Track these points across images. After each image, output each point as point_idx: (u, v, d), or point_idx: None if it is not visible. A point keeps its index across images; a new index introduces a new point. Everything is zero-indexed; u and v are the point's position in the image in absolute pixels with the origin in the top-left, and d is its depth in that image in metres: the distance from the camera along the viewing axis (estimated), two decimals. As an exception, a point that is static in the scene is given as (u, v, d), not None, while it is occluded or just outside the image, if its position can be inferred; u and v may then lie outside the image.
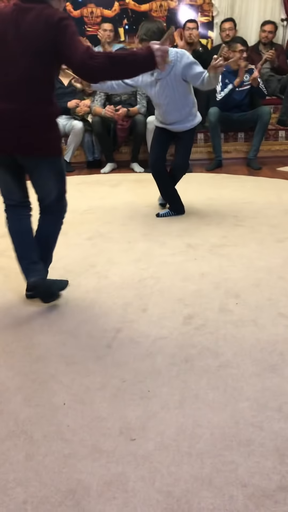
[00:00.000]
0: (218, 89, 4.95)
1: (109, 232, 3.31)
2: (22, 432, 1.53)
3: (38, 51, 1.94)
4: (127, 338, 2.04)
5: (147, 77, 3.22)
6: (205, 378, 1.76)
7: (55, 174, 2.21)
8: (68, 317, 2.23)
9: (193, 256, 2.87)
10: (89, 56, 1.88)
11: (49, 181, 2.22)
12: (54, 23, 1.92)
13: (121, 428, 1.54)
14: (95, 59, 1.88)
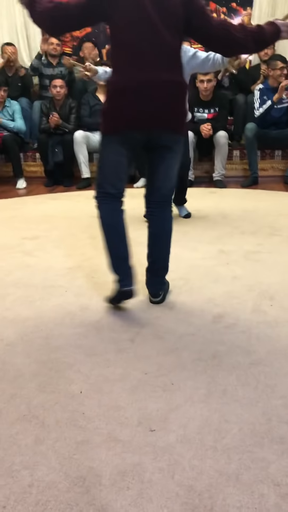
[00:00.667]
0: (256, 105, 4.88)
1: (138, 237, 3.21)
2: (33, 417, 1.42)
3: (175, 21, 1.85)
4: (152, 334, 1.92)
5: None
6: (235, 374, 1.61)
7: (180, 156, 2.05)
8: (91, 311, 2.13)
9: (225, 260, 2.74)
10: (230, 27, 1.87)
11: (175, 164, 2.04)
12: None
13: (140, 418, 1.40)
14: (238, 32, 1.86)
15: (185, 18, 1.87)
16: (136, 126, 1.88)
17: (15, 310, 2.15)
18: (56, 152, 5.19)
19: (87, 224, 3.57)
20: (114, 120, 1.89)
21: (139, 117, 1.85)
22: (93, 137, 5.24)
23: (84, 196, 4.65)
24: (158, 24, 1.82)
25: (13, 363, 1.72)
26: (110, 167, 1.98)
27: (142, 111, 1.84)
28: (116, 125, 1.89)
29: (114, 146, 1.93)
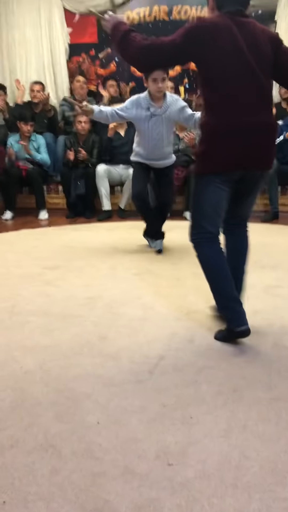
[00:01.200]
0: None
1: (158, 269, 3.24)
2: (50, 446, 1.40)
3: (267, 64, 1.96)
4: (171, 366, 1.90)
5: (142, 111, 3.34)
6: (255, 410, 1.58)
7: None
8: (110, 341, 2.12)
9: (245, 295, 2.71)
10: None
11: (258, 193, 2.18)
12: (275, 37, 2.03)
13: (158, 451, 1.37)
14: None
15: (274, 60, 1.99)
16: (241, 166, 1.98)
17: (35, 338, 2.16)
18: (78, 185, 5.30)
19: (107, 255, 3.60)
20: (218, 161, 1.96)
21: (244, 158, 1.95)
22: (114, 171, 5.34)
23: (105, 227, 4.71)
24: (255, 67, 1.92)
25: (31, 392, 1.71)
26: (212, 206, 2.04)
27: (247, 153, 1.95)
28: (221, 165, 1.97)
29: (215, 185, 2.00)
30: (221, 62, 1.91)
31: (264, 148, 1.97)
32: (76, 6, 6.31)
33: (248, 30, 1.94)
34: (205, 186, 2.01)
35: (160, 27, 6.30)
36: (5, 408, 1.61)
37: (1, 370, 1.86)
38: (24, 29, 6.33)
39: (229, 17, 1.94)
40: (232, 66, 1.90)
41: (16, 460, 1.35)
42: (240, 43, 1.91)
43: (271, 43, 1.99)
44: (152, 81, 3.26)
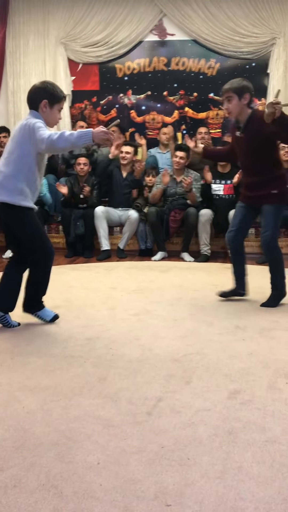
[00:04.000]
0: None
1: (155, 310, 3.31)
2: (52, 487, 1.45)
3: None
4: (168, 407, 1.96)
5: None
6: (250, 452, 1.63)
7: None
8: (109, 382, 2.18)
9: (241, 336, 2.79)
10: None
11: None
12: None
13: (157, 492, 1.42)
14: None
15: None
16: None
17: (36, 378, 2.22)
18: (78, 225, 5.44)
19: (106, 295, 3.68)
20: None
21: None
22: (113, 212, 5.50)
23: (104, 267, 4.81)
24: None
25: (33, 432, 1.76)
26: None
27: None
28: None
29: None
30: None
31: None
32: (80, 56, 6.63)
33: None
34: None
35: (159, 77, 6.61)
36: (8, 448, 1.65)
37: (4, 410, 1.92)
38: (30, 77, 6.62)
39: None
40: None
41: (19, 500, 1.39)
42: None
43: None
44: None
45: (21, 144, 2.70)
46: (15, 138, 2.73)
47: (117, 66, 6.66)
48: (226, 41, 6.33)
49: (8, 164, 2.73)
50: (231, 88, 3.21)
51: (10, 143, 2.76)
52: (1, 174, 2.74)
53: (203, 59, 6.53)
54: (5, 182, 2.72)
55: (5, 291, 2.93)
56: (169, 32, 6.53)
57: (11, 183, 2.72)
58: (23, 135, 2.68)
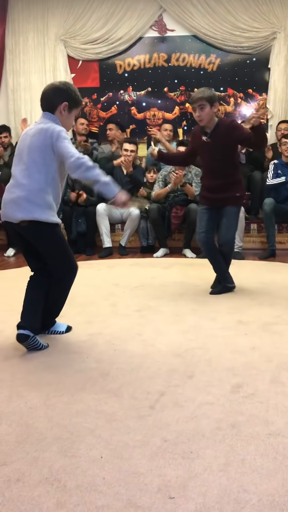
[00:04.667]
0: (270, 175, 5.15)
1: (158, 306, 3.31)
2: (55, 480, 1.45)
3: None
4: (171, 402, 1.95)
5: None
6: (253, 445, 1.63)
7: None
8: (111, 378, 2.18)
9: (243, 331, 2.79)
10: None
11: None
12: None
13: (160, 485, 1.42)
14: None
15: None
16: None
17: (39, 374, 2.22)
18: (79, 223, 5.44)
19: (108, 292, 3.68)
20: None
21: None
22: (115, 209, 5.49)
23: (105, 264, 4.81)
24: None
25: (36, 427, 1.76)
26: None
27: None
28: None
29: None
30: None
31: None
32: (79, 53, 6.62)
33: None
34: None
35: (159, 73, 6.60)
36: (11, 442, 1.66)
37: (7, 406, 1.92)
38: (30, 75, 6.62)
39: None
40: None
41: (22, 493, 1.40)
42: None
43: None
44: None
45: (43, 152, 2.41)
46: (33, 146, 2.43)
47: (117, 62, 6.65)
48: (226, 36, 6.31)
49: (30, 176, 2.42)
50: (204, 97, 3.34)
51: (27, 151, 2.44)
52: (23, 188, 2.43)
53: (203, 54, 6.52)
54: (32, 197, 2.41)
55: (33, 308, 2.56)
56: (169, 28, 6.52)
57: (39, 198, 2.42)
58: (43, 142, 2.40)
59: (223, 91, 6.53)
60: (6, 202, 2.50)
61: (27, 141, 2.47)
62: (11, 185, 2.51)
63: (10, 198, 2.48)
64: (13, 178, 2.52)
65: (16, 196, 2.45)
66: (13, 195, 2.46)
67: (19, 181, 2.46)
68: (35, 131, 2.46)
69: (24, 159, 2.46)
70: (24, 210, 2.42)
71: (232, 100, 6.53)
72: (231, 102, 6.55)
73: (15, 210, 2.44)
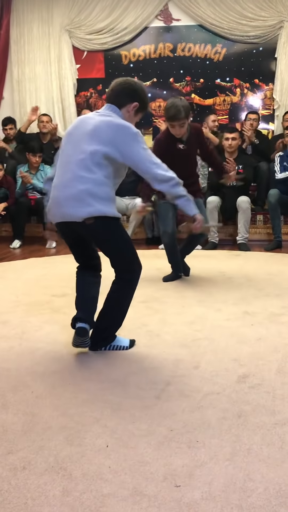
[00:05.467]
0: (277, 169, 5.10)
1: (163, 297, 3.31)
2: (61, 469, 1.45)
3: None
4: (177, 391, 1.95)
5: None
6: (260, 434, 1.62)
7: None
8: (117, 367, 2.18)
9: (250, 322, 2.78)
10: None
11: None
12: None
13: (166, 474, 1.42)
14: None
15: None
16: None
17: (44, 364, 2.22)
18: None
19: (114, 283, 3.67)
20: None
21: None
22: (120, 201, 5.47)
23: (111, 256, 4.79)
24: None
25: (42, 416, 1.76)
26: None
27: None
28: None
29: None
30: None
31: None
32: (84, 43, 6.58)
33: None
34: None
35: (165, 63, 6.55)
36: (17, 431, 1.66)
37: (13, 395, 1.92)
38: (34, 65, 6.60)
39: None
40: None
41: (29, 481, 1.40)
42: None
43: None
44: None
45: (107, 144, 2.17)
46: (98, 137, 2.18)
47: (122, 53, 6.60)
48: (232, 25, 6.24)
49: (89, 169, 2.16)
50: (184, 116, 3.40)
51: (88, 141, 2.18)
52: (84, 180, 2.15)
53: (209, 44, 6.46)
54: (96, 190, 2.16)
55: (92, 301, 2.40)
56: (175, 18, 6.46)
57: (101, 191, 2.17)
58: (113, 137, 2.17)
59: (229, 81, 6.48)
60: (61, 200, 2.19)
61: (87, 129, 2.21)
62: (68, 178, 2.18)
63: (68, 193, 2.16)
64: (64, 169, 2.22)
65: (77, 190, 2.15)
66: (72, 190, 2.15)
67: (77, 173, 2.16)
68: (102, 122, 2.21)
69: (82, 148, 2.18)
70: (89, 205, 2.13)
71: (238, 91, 6.48)
72: (237, 92, 6.49)
73: (77, 206, 2.14)
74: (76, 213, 2.16)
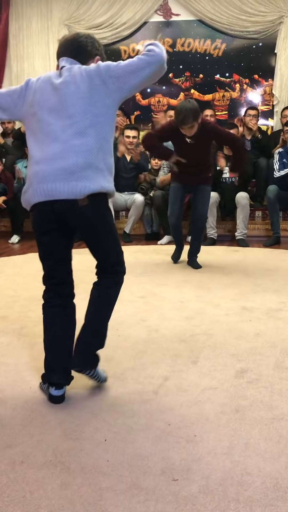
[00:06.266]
0: (276, 167, 5.08)
1: (162, 292, 3.31)
2: (59, 462, 1.46)
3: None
4: (175, 386, 1.96)
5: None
6: (257, 429, 1.63)
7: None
8: (115, 362, 2.19)
9: (248, 317, 2.78)
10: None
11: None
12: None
13: (164, 468, 1.43)
14: None
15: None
16: None
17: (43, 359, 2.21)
18: (84, 210, 5.42)
19: (113, 279, 3.67)
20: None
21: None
22: (119, 197, 5.47)
23: (110, 252, 4.79)
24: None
25: (40, 410, 1.77)
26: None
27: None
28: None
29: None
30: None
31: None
32: (83, 38, 6.55)
33: None
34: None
35: (164, 58, 6.52)
36: (16, 425, 1.67)
37: (11, 390, 1.93)
38: (33, 60, 6.57)
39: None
40: None
41: (27, 475, 1.41)
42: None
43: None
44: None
45: (93, 97, 1.78)
46: (78, 92, 1.77)
47: (121, 48, 6.58)
48: (232, 21, 6.22)
49: (82, 133, 1.75)
50: (193, 119, 3.53)
51: (70, 102, 1.77)
52: (77, 150, 1.74)
53: (208, 39, 6.44)
54: (93, 160, 1.75)
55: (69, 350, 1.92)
56: (174, 12, 6.43)
57: (99, 160, 1.77)
58: (90, 84, 1.79)
59: (228, 76, 6.46)
60: (46, 175, 1.73)
61: (62, 89, 1.78)
62: (54, 150, 1.74)
63: (57, 167, 1.73)
64: (49, 139, 1.76)
65: (69, 163, 1.72)
66: (62, 162, 1.72)
67: (67, 141, 1.74)
68: (71, 75, 1.80)
69: (68, 111, 1.76)
70: (86, 180, 1.72)
71: (237, 86, 6.46)
72: (236, 88, 6.47)
73: (68, 182, 1.71)
74: (69, 190, 1.71)
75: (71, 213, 1.77)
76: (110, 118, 1.82)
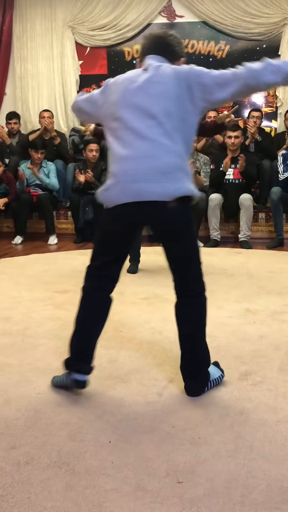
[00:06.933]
0: (280, 169, 5.07)
1: (165, 294, 3.30)
2: (64, 464, 1.46)
3: None
4: (179, 388, 1.95)
5: None
6: (262, 431, 1.63)
7: None
8: (119, 364, 2.19)
9: (251, 319, 2.78)
10: None
11: None
12: None
13: (168, 470, 1.43)
14: None
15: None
16: None
17: (46, 360, 2.22)
18: (87, 211, 5.42)
19: (116, 280, 3.67)
20: None
21: None
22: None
23: (113, 253, 4.79)
24: None
25: (44, 412, 1.77)
26: None
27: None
28: None
29: None
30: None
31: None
32: (87, 40, 6.56)
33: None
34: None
35: (168, 60, 6.52)
36: (20, 427, 1.67)
37: (16, 391, 1.93)
38: (37, 61, 6.57)
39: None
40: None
41: (32, 476, 1.41)
42: None
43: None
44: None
45: (179, 100, 1.75)
46: (164, 93, 1.74)
47: (125, 49, 6.58)
48: (236, 22, 6.21)
49: (168, 134, 1.72)
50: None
51: (153, 101, 1.73)
52: (167, 149, 1.71)
53: (212, 41, 6.43)
54: (181, 162, 1.73)
55: (97, 336, 1.96)
56: (178, 14, 6.43)
57: (185, 163, 1.77)
58: (178, 87, 1.76)
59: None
60: (138, 174, 1.69)
61: (147, 89, 1.74)
62: (143, 148, 1.70)
63: (149, 166, 1.69)
64: (134, 137, 1.72)
65: (161, 163, 1.68)
66: (153, 161, 1.68)
67: (156, 139, 1.69)
68: (158, 74, 1.76)
69: (151, 110, 1.71)
70: (177, 181, 1.69)
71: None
72: (240, 89, 6.46)
73: (161, 183, 1.67)
74: (163, 189, 1.67)
75: (160, 215, 1.73)
76: (192, 125, 1.78)
